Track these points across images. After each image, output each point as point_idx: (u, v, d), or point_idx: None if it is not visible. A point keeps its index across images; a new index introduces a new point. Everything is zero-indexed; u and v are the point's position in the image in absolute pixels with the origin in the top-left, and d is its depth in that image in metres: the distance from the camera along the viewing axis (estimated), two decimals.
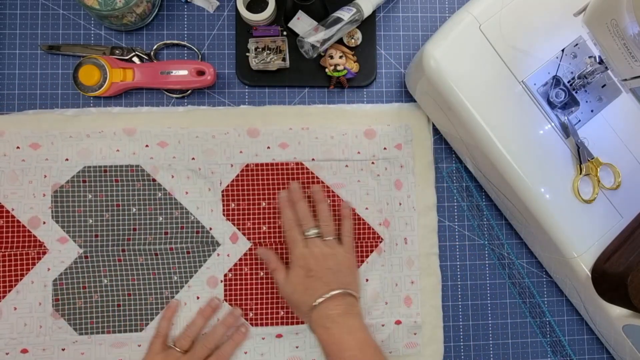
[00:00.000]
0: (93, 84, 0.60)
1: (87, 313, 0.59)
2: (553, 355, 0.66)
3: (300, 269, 0.56)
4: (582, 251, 0.55)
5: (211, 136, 0.61)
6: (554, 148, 0.55)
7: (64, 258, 0.59)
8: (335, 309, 0.54)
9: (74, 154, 0.60)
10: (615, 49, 0.45)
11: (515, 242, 0.66)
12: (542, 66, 0.55)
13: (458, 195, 0.66)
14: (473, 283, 0.65)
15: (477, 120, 0.54)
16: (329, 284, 0.55)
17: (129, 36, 0.63)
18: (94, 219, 0.60)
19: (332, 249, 0.57)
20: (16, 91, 0.62)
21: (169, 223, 0.60)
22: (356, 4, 0.60)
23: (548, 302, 0.66)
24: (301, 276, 0.56)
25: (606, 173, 0.56)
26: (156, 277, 0.60)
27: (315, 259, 0.56)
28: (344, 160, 0.63)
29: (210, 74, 0.60)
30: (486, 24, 0.54)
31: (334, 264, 0.56)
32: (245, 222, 0.61)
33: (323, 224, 0.58)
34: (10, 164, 0.59)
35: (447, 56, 0.54)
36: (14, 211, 0.59)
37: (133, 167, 0.60)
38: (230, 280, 0.61)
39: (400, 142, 0.63)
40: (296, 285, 0.56)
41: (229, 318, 0.59)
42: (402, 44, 0.66)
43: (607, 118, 0.57)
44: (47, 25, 0.62)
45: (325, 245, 0.57)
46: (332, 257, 0.56)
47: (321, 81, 0.64)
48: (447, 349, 0.64)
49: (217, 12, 0.65)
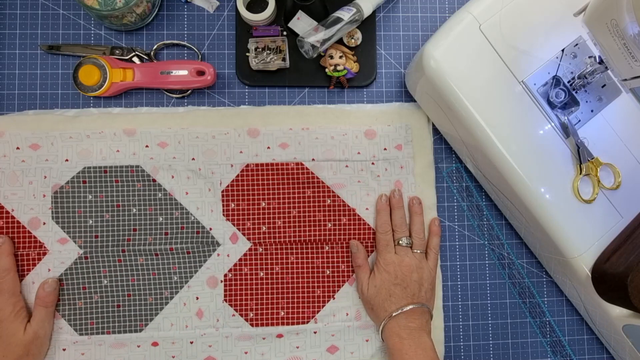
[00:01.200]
0: (93, 84, 0.60)
1: (87, 313, 0.59)
2: (553, 355, 0.66)
3: (388, 274, 0.57)
4: (582, 251, 0.55)
5: (211, 136, 0.61)
6: (554, 148, 0.55)
7: (64, 259, 0.59)
8: (414, 322, 0.55)
9: (74, 154, 0.60)
10: (615, 49, 0.45)
11: (515, 242, 0.66)
12: (542, 66, 0.55)
13: (458, 195, 0.66)
14: (473, 283, 0.65)
15: (477, 120, 0.54)
16: (412, 296, 0.56)
17: (129, 36, 0.63)
18: (94, 220, 0.60)
19: (420, 262, 0.58)
20: (16, 91, 0.62)
21: (169, 223, 0.60)
22: (356, 4, 0.60)
23: (548, 302, 0.66)
24: (388, 281, 0.57)
25: (606, 173, 0.56)
26: (156, 277, 0.60)
27: (404, 268, 0.57)
28: (344, 160, 0.63)
29: (210, 74, 0.60)
30: (486, 24, 0.54)
31: (420, 277, 0.57)
32: (245, 223, 0.62)
33: (416, 235, 0.60)
34: (10, 165, 0.59)
35: (447, 56, 0.54)
36: (14, 212, 0.59)
37: (133, 168, 0.60)
38: (230, 280, 0.61)
39: (400, 143, 0.63)
40: (380, 289, 0.57)
41: None
42: (402, 44, 0.66)
43: (607, 118, 0.57)
44: (47, 25, 0.62)
45: (415, 256, 0.58)
46: (419, 270, 0.58)
47: (321, 81, 0.64)
48: (447, 349, 0.64)
49: (217, 12, 0.65)
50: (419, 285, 0.57)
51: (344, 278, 0.62)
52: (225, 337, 0.60)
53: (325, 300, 0.62)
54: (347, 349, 0.61)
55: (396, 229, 0.60)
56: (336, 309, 0.62)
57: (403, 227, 0.60)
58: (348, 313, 0.62)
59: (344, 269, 0.62)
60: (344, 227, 0.62)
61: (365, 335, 0.62)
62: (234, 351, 0.60)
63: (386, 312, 0.56)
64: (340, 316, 0.61)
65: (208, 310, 0.60)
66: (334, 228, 0.62)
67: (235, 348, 0.60)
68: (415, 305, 0.56)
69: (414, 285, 0.57)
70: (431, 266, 0.60)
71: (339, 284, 0.62)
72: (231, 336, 0.60)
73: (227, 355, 0.60)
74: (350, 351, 0.61)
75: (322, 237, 0.62)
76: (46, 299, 0.56)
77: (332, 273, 0.62)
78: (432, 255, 0.60)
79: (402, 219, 0.60)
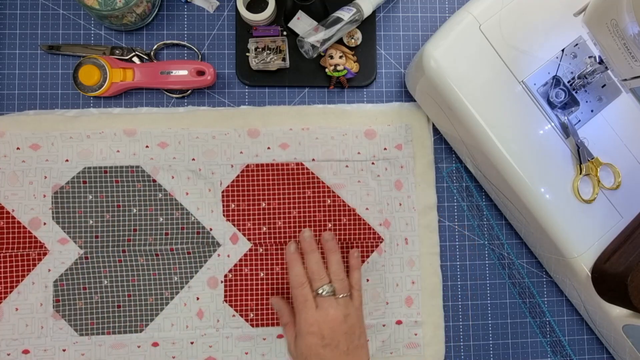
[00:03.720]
0: (93, 84, 0.60)
1: (87, 314, 0.59)
2: (553, 355, 0.66)
3: (312, 336, 0.49)
4: (582, 251, 0.55)
5: (211, 137, 0.61)
6: (554, 148, 0.55)
7: (64, 259, 0.59)
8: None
9: (74, 154, 0.60)
10: (615, 49, 0.45)
11: (515, 242, 0.66)
12: (542, 66, 0.55)
13: (458, 195, 0.66)
14: (473, 283, 0.65)
15: (477, 120, 0.54)
16: (345, 351, 0.49)
17: (129, 36, 0.63)
18: (95, 220, 0.60)
19: (346, 309, 0.51)
20: (16, 91, 0.62)
21: (169, 224, 0.60)
22: (356, 4, 0.60)
23: (548, 302, 0.66)
24: (314, 345, 0.49)
25: (606, 173, 0.56)
26: (156, 277, 0.60)
27: (330, 323, 0.50)
28: (344, 160, 0.63)
29: (210, 74, 0.60)
30: (486, 24, 0.54)
31: (349, 327, 0.50)
32: (245, 223, 0.62)
33: (336, 279, 0.52)
34: (10, 165, 0.59)
35: (447, 56, 0.54)
36: (15, 212, 0.59)
37: (133, 168, 0.60)
38: (230, 280, 0.61)
39: (400, 143, 0.63)
40: (308, 356, 0.49)
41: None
42: (402, 44, 0.66)
43: (607, 118, 0.57)
44: (47, 25, 0.62)
45: (339, 305, 0.51)
46: (347, 319, 0.51)
47: (321, 81, 0.64)
48: (447, 348, 0.64)
49: (217, 12, 0.65)
50: (350, 336, 0.50)
51: None
52: (226, 338, 0.60)
53: None
54: None
55: (313, 276, 0.52)
56: None
57: (321, 273, 0.52)
58: None
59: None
60: (344, 227, 0.62)
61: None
62: (235, 351, 0.60)
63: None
64: None
65: (208, 310, 0.60)
66: (334, 228, 0.62)
67: (236, 348, 0.61)
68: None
69: (344, 338, 0.50)
70: (356, 305, 0.53)
71: None
72: (231, 336, 0.60)
73: (227, 356, 0.60)
74: None
75: None
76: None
77: None
78: (355, 294, 0.53)
79: (317, 265, 0.52)
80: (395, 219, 0.63)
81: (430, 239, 0.64)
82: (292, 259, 0.54)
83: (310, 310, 0.50)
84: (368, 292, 0.62)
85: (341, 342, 0.50)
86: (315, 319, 0.50)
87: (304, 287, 0.52)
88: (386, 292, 0.62)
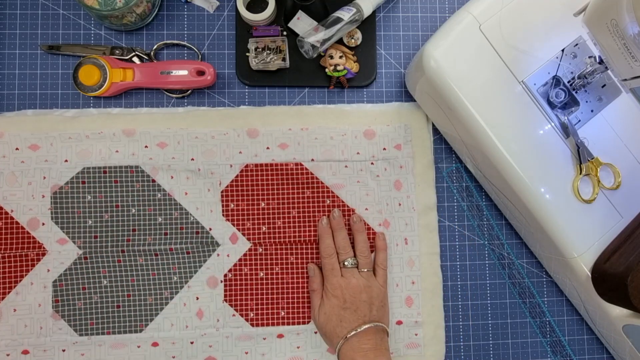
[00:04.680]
0: (93, 84, 0.60)
1: (87, 314, 0.59)
2: (553, 355, 0.66)
3: (335, 299, 0.56)
4: (582, 251, 0.55)
5: (210, 137, 0.61)
6: (554, 148, 0.55)
7: (63, 259, 0.59)
8: (367, 342, 0.54)
9: (73, 155, 0.60)
10: (615, 49, 0.45)
11: (515, 242, 0.66)
12: (542, 66, 0.55)
13: (458, 195, 0.66)
14: (473, 283, 0.65)
15: (477, 120, 0.54)
16: (362, 317, 0.55)
17: (129, 36, 0.63)
18: (94, 220, 0.60)
19: (367, 281, 0.57)
20: (16, 91, 0.62)
21: (168, 224, 0.60)
22: (356, 4, 0.60)
23: (548, 302, 0.66)
24: (336, 307, 0.56)
25: (606, 173, 0.56)
26: (156, 277, 0.60)
27: (352, 290, 0.56)
28: (343, 160, 0.63)
29: (210, 74, 0.60)
30: (486, 24, 0.54)
31: (369, 297, 0.56)
32: (244, 223, 0.61)
33: (361, 255, 0.59)
34: (9, 166, 0.59)
35: (447, 56, 0.54)
36: (14, 213, 0.59)
37: (132, 168, 0.60)
38: (230, 280, 0.61)
39: (399, 143, 0.63)
40: (330, 315, 0.56)
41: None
42: (402, 44, 0.66)
43: (607, 118, 0.57)
44: (47, 25, 0.62)
45: (362, 276, 0.57)
46: (367, 290, 0.57)
47: (321, 81, 0.64)
48: (447, 348, 0.64)
49: (217, 12, 0.65)
50: (369, 305, 0.56)
51: None
52: (226, 337, 0.60)
53: None
54: None
55: (340, 250, 0.58)
56: None
57: (347, 248, 0.59)
58: None
59: None
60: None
61: None
62: (235, 351, 0.60)
63: (339, 337, 0.55)
64: None
65: (208, 310, 0.60)
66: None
67: (236, 348, 0.60)
68: (367, 325, 0.54)
69: (364, 306, 0.56)
70: (380, 283, 0.58)
71: None
72: (231, 336, 0.60)
73: (227, 356, 0.60)
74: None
75: None
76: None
77: None
78: (380, 271, 0.59)
79: (344, 240, 0.59)
80: (394, 219, 0.63)
81: (430, 239, 0.63)
82: (323, 232, 0.60)
83: (336, 277, 0.57)
84: None
85: (360, 308, 0.55)
86: (339, 284, 0.57)
87: (332, 257, 0.58)
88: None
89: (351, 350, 0.53)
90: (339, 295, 0.56)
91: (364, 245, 0.59)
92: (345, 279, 0.57)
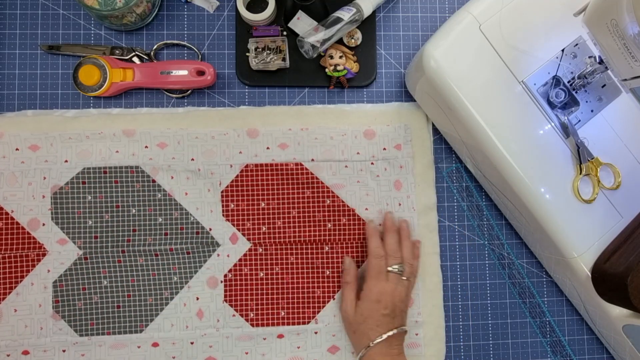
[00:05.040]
0: (93, 84, 0.60)
1: (87, 314, 0.59)
2: (553, 355, 0.66)
3: (378, 304, 0.55)
4: (582, 251, 0.55)
5: (210, 137, 0.61)
6: (554, 148, 0.55)
7: (63, 259, 0.59)
8: (396, 347, 0.55)
9: (73, 155, 0.60)
10: (615, 49, 0.45)
11: (515, 242, 0.66)
12: (542, 66, 0.55)
13: (458, 195, 0.66)
14: (473, 283, 0.65)
15: (477, 120, 0.54)
16: (397, 323, 0.56)
17: (129, 36, 0.63)
18: (94, 221, 0.60)
19: (407, 290, 0.58)
20: (16, 91, 0.62)
21: (168, 224, 0.60)
22: (356, 4, 0.60)
23: (548, 302, 0.66)
24: (377, 311, 0.55)
25: (606, 173, 0.56)
26: (156, 277, 0.60)
27: (396, 298, 0.56)
28: (343, 160, 0.63)
29: (210, 74, 0.60)
30: (486, 24, 0.54)
31: (406, 306, 0.58)
32: (244, 223, 0.61)
33: (407, 262, 0.58)
34: (9, 166, 0.59)
35: (447, 56, 0.54)
36: (14, 213, 0.59)
37: (132, 168, 0.60)
38: (230, 280, 0.61)
39: (399, 143, 0.63)
40: (368, 318, 0.55)
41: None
42: (402, 44, 0.66)
43: (607, 118, 0.57)
44: (47, 25, 0.62)
45: (404, 284, 0.57)
46: (406, 299, 0.57)
47: (321, 81, 0.64)
48: (447, 348, 0.64)
49: (217, 12, 0.64)
50: (401, 311, 0.57)
51: None
52: (226, 338, 0.60)
53: (325, 301, 0.62)
54: (347, 349, 0.61)
55: (390, 254, 0.58)
56: (336, 309, 0.62)
57: (397, 252, 0.58)
58: None
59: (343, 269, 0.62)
60: (343, 227, 0.62)
61: None
62: (235, 351, 0.60)
63: (369, 339, 0.55)
64: (341, 316, 0.61)
65: (208, 310, 0.60)
66: (334, 228, 0.62)
67: (236, 348, 0.60)
68: (396, 330, 0.55)
69: (402, 314, 0.57)
70: (410, 289, 0.60)
71: (338, 284, 0.62)
72: (232, 336, 0.60)
73: (227, 356, 0.60)
74: (351, 351, 0.61)
75: (322, 237, 0.62)
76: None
77: (332, 273, 0.62)
78: (412, 280, 0.60)
79: (395, 244, 0.59)
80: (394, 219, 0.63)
81: (430, 239, 0.64)
82: (372, 231, 0.60)
83: (382, 282, 0.56)
84: None
85: (397, 316, 0.56)
86: (385, 290, 0.56)
87: (382, 259, 0.57)
88: None
89: (379, 354, 0.54)
90: (383, 300, 0.55)
91: (411, 252, 0.59)
92: (391, 285, 0.56)
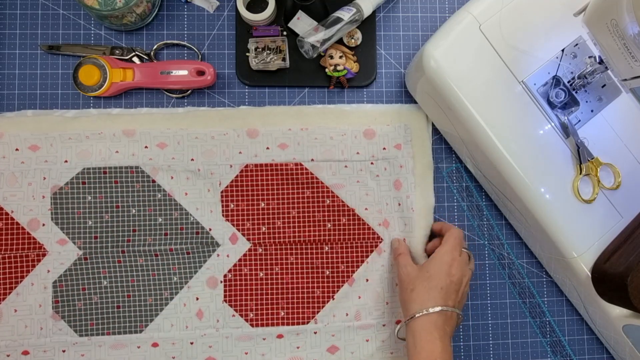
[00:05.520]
0: (93, 84, 0.60)
1: (87, 314, 0.59)
2: (553, 355, 0.66)
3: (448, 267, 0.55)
4: (582, 251, 0.55)
5: (210, 137, 0.61)
6: (554, 148, 0.55)
7: (63, 260, 0.59)
8: (450, 327, 0.54)
9: (73, 155, 0.60)
10: (615, 49, 0.45)
11: (515, 242, 0.66)
12: (542, 66, 0.55)
13: (458, 195, 0.66)
14: (473, 283, 0.65)
15: (477, 120, 0.54)
16: (458, 303, 0.55)
17: (129, 36, 0.63)
18: (94, 221, 0.60)
19: (468, 279, 0.58)
20: (16, 91, 0.62)
21: (168, 224, 0.60)
22: (356, 4, 0.60)
23: (548, 302, 0.66)
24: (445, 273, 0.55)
25: (606, 173, 0.56)
26: (156, 278, 0.60)
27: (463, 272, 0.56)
28: (343, 160, 0.63)
29: (210, 74, 0.60)
30: (486, 24, 0.54)
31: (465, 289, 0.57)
32: (244, 223, 0.61)
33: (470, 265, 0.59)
34: (9, 166, 0.59)
35: (447, 56, 0.54)
36: (14, 213, 0.59)
37: (132, 169, 0.60)
38: (230, 280, 0.61)
39: (399, 142, 0.63)
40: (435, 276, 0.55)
41: None
42: (402, 44, 0.66)
43: (607, 118, 0.57)
44: (47, 25, 0.62)
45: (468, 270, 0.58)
46: (467, 286, 0.57)
47: (321, 81, 0.64)
48: None
49: (217, 12, 0.64)
50: (464, 296, 0.57)
51: (343, 278, 0.62)
52: (226, 338, 0.60)
53: (325, 301, 0.62)
54: (347, 349, 0.61)
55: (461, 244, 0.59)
56: (336, 309, 0.62)
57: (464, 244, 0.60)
58: (348, 313, 0.62)
59: (343, 269, 0.62)
60: (343, 227, 0.62)
61: (365, 335, 0.62)
62: (234, 352, 0.60)
63: (429, 302, 0.53)
64: (340, 316, 0.61)
65: (208, 310, 0.60)
66: (334, 228, 0.62)
67: (236, 348, 0.60)
68: (460, 312, 0.55)
69: (463, 295, 0.56)
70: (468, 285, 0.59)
71: (338, 284, 0.62)
72: (231, 336, 0.60)
73: (227, 356, 0.60)
74: (351, 351, 0.61)
75: (322, 237, 0.62)
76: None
77: (331, 273, 0.62)
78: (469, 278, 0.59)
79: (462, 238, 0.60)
80: (394, 219, 0.63)
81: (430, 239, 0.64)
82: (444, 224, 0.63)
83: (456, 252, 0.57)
84: (368, 292, 0.62)
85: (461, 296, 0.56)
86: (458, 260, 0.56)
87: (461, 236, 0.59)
88: (386, 292, 0.62)
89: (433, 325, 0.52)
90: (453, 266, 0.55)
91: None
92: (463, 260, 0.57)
